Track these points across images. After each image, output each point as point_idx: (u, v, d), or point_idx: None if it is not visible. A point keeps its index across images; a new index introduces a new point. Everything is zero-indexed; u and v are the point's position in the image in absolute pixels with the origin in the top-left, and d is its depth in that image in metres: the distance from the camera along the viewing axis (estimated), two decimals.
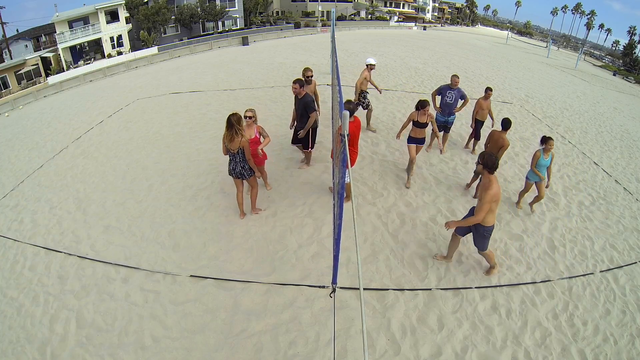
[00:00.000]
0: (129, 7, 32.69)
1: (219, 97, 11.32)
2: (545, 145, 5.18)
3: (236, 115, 4.41)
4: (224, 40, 28.98)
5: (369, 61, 7.50)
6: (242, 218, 5.26)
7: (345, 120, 2.15)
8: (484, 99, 6.90)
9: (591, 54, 62.19)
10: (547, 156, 5.23)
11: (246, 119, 4.92)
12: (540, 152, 5.23)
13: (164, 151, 7.69)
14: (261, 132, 5.14)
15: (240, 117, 4.47)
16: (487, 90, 6.90)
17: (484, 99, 6.90)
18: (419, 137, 5.74)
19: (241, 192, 5.05)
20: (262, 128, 5.17)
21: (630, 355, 3.63)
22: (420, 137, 5.74)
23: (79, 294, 4.23)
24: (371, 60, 7.51)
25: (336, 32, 10.38)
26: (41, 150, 9.01)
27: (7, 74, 27.60)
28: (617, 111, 13.78)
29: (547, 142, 5.15)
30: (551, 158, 5.28)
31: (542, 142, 5.24)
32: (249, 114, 4.98)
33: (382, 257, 4.56)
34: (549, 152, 5.22)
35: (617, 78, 32.67)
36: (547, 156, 5.23)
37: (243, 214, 5.27)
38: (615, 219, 5.92)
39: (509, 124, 5.46)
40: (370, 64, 7.47)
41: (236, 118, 4.40)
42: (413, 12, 67.80)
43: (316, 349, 3.45)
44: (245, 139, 4.47)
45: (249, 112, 4.99)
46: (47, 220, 5.84)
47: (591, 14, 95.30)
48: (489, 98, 6.92)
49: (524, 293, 4.22)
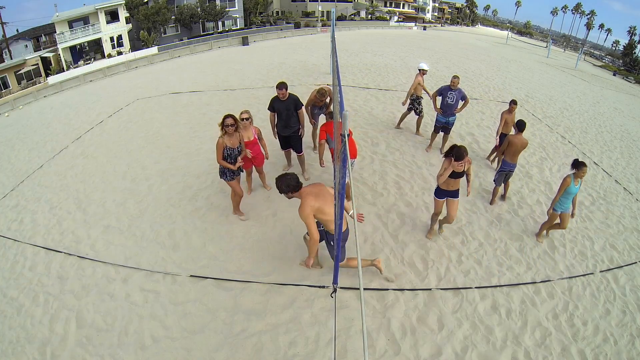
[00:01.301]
0: (129, 7, 32.69)
1: (219, 97, 11.32)
2: (577, 170, 4.48)
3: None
4: (224, 40, 28.98)
5: (422, 66, 7.19)
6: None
7: (345, 120, 2.15)
8: (508, 113, 6.41)
9: (591, 54, 62.20)
10: (577, 183, 4.58)
11: (242, 121, 4.86)
12: (570, 178, 4.54)
13: (164, 151, 7.68)
14: (259, 134, 5.10)
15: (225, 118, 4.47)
16: (512, 104, 6.41)
17: (508, 113, 6.41)
18: (452, 189, 4.44)
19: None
20: (259, 130, 5.13)
21: (630, 355, 3.63)
22: (454, 189, 4.44)
23: (79, 294, 4.23)
24: (424, 65, 7.21)
25: (336, 32, 10.39)
26: (41, 150, 9.01)
27: (7, 74, 27.61)
28: (617, 111, 13.78)
29: (579, 168, 4.45)
30: (579, 186, 4.64)
31: (573, 167, 4.53)
32: (245, 116, 4.93)
33: (382, 257, 4.56)
34: (579, 179, 4.57)
35: (617, 78, 32.68)
36: (577, 183, 4.57)
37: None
38: (615, 219, 5.92)
39: (524, 125, 5.48)
40: (422, 69, 7.21)
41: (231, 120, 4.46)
42: (413, 12, 67.79)
43: (316, 349, 3.45)
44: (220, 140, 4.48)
45: (245, 114, 4.94)
46: (47, 220, 5.84)
47: (591, 14, 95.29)
48: (514, 111, 6.44)
49: (524, 293, 4.22)
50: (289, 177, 3.36)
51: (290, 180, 3.35)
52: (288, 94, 5.44)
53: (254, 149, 5.08)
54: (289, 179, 3.35)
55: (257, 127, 5.14)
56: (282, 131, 5.69)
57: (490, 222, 5.44)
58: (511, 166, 5.62)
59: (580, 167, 4.46)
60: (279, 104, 5.46)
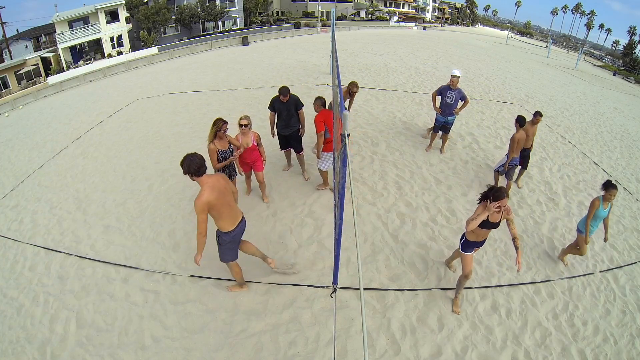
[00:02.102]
0: (129, 7, 32.69)
1: (219, 97, 11.32)
2: (606, 192, 4.27)
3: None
4: (224, 40, 28.98)
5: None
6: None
7: (346, 120, 2.15)
8: (532, 124, 6.01)
9: (591, 54, 62.19)
10: (607, 206, 4.36)
11: (241, 127, 4.74)
12: (599, 201, 4.31)
13: (164, 151, 7.68)
14: (258, 140, 4.97)
15: (215, 121, 4.42)
16: (537, 115, 5.99)
17: (532, 124, 6.01)
18: (481, 239, 3.72)
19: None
20: (259, 135, 5.01)
21: (630, 355, 3.63)
22: (482, 239, 3.74)
23: (79, 294, 4.23)
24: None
25: (336, 32, 10.38)
26: (41, 150, 9.01)
27: (7, 74, 27.60)
28: (617, 111, 13.78)
29: (609, 190, 4.24)
30: (609, 209, 4.41)
31: (603, 188, 4.32)
32: (244, 122, 4.73)
33: (382, 257, 4.56)
34: (609, 202, 4.34)
35: (617, 78, 32.67)
36: (606, 206, 4.36)
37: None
38: (615, 219, 5.92)
39: (524, 120, 5.62)
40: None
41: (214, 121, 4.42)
42: (413, 12, 67.80)
43: (316, 349, 3.45)
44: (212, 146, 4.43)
45: (244, 120, 4.74)
46: (47, 220, 5.84)
47: (591, 14, 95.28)
48: (537, 124, 6.08)
49: (524, 293, 4.22)
50: (193, 158, 3.15)
51: (193, 162, 3.13)
52: (289, 96, 5.45)
53: (253, 155, 4.98)
54: (192, 159, 3.14)
55: (256, 132, 5.00)
56: (282, 131, 5.68)
57: None
58: (517, 159, 5.86)
59: (610, 189, 4.21)
60: (280, 104, 5.45)
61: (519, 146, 5.66)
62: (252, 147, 4.92)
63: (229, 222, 3.45)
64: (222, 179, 3.45)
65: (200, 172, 3.19)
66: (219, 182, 3.33)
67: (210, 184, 3.22)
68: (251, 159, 5.01)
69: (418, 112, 9.72)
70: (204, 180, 3.22)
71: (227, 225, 3.45)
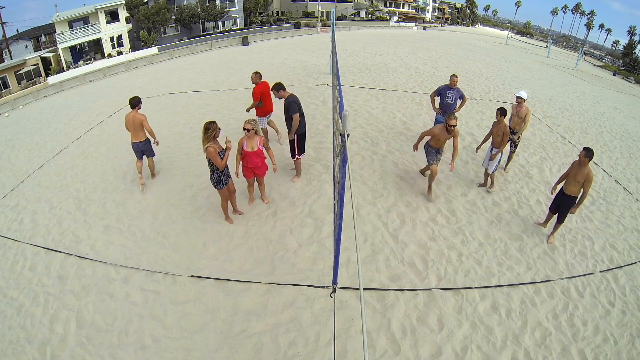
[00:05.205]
0: (129, 7, 32.66)
1: (219, 97, 11.32)
2: None
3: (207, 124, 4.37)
4: (224, 40, 28.95)
5: (521, 94, 6.26)
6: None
7: (346, 120, 2.15)
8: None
9: (591, 54, 62.17)
10: None
11: (246, 132, 4.69)
12: None
13: (164, 151, 7.67)
14: (264, 144, 4.90)
15: (208, 125, 4.36)
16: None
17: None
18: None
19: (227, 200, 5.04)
20: (265, 139, 4.96)
21: (630, 355, 3.63)
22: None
23: (79, 294, 4.23)
24: (523, 93, 6.27)
25: (336, 32, 10.39)
26: (41, 150, 9.01)
27: (7, 74, 27.60)
28: (617, 111, 13.78)
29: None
30: None
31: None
32: (249, 127, 4.65)
33: (382, 257, 4.56)
34: None
35: (617, 78, 32.68)
36: None
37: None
38: (615, 219, 5.93)
39: (504, 111, 5.74)
40: (520, 97, 6.23)
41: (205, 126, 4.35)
42: (413, 12, 67.78)
43: (316, 349, 3.45)
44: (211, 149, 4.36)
45: (249, 125, 4.65)
46: (47, 220, 5.84)
47: (591, 14, 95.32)
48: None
49: (524, 293, 4.22)
50: None
51: None
52: (289, 94, 5.43)
53: (258, 160, 4.93)
54: None
55: (262, 136, 4.92)
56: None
57: (490, 222, 5.44)
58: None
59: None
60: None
61: (505, 135, 5.70)
62: (258, 151, 4.85)
63: None
64: None
65: None
66: None
67: None
68: (254, 164, 4.96)
69: (418, 112, 9.72)
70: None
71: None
